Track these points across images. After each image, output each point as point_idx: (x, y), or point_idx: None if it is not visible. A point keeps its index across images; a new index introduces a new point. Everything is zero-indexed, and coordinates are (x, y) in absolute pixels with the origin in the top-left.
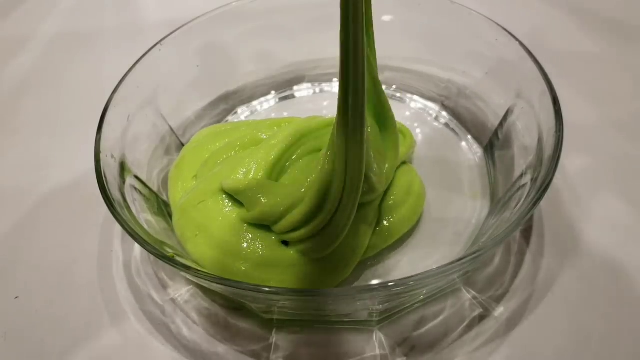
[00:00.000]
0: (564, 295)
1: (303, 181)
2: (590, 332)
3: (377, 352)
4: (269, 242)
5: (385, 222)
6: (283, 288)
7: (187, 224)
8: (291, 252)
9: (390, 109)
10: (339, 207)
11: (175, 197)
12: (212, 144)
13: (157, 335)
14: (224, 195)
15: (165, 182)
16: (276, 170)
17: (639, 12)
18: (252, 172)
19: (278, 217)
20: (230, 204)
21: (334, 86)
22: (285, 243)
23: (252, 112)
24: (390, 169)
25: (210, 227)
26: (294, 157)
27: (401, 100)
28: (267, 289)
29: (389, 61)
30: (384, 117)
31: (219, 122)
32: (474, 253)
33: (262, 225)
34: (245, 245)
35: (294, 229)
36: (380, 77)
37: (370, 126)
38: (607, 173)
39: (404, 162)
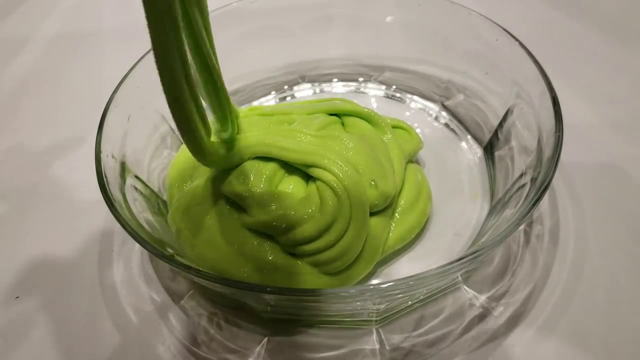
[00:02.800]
0: (563, 295)
1: (304, 188)
2: (590, 332)
3: (377, 351)
4: (272, 249)
5: (398, 228)
6: (283, 288)
7: (186, 223)
8: (299, 263)
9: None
10: (350, 223)
11: (173, 194)
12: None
13: (157, 335)
14: (224, 198)
15: (165, 182)
16: (277, 176)
17: (638, 12)
18: (254, 177)
19: (284, 230)
20: (231, 207)
21: (334, 86)
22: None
23: None
24: (398, 169)
25: (210, 229)
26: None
27: (401, 100)
28: (267, 289)
29: (389, 61)
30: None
31: None
32: (474, 253)
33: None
34: (246, 250)
35: (302, 243)
36: (380, 77)
37: (367, 130)
38: (607, 173)
39: (410, 162)
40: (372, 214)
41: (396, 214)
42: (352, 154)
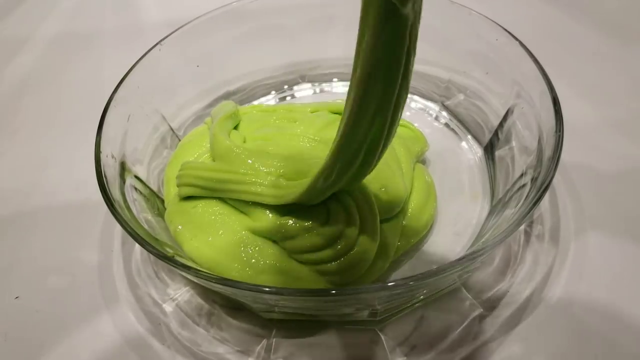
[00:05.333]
0: (563, 295)
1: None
2: (590, 332)
3: (378, 351)
4: (277, 254)
5: (408, 232)
6: (283, 288)
7: (185, 223)
8: (305, 269)
9: None
10: (360, 235)
11: (170, 192)
12: (207, 140)
13: (157, 335)
14: (225, 200)
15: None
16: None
17: (638, 12)
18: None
19: (288, 236)
20: (231, 209)
21: (334, 86)
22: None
23: None
24: (407, 172)
25: (211, 230)
26: None
27: None
28: (267, 289)
29: None
30: None
31: None
32: (474, 253)
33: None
34: (248, 253)
35: (307, 251)
36: None
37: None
38: (607, 173)
39: (416, 163)
40: (383, 220)
41: (406, 218)
42: None
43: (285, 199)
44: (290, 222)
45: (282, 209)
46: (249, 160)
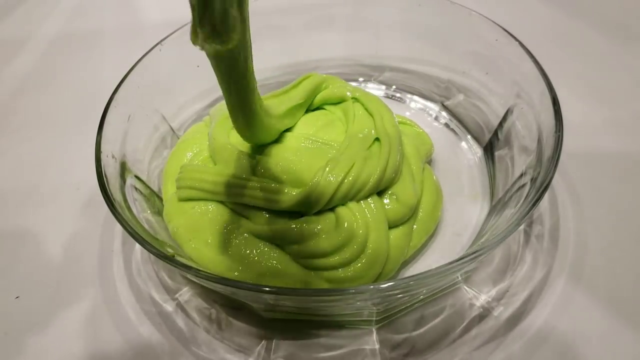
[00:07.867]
0: (563, 295)
1: None
2: (589, 332)
3: (377, 351)
4: (280, 258)
5: (418, 236)
6: (283, 288)
7: (184, 224)
8: (312, 274)
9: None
10: (368, 243)
11: (168, 190)
12: (206, 138)
13: (157, 335)
14: (224, 202)
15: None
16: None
17: (638, 12)
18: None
19: (293, 240)
20: (231, 212)
21: None
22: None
23: None
24: (417, 174)
25: (210, 232)
26: None
27: (401, 100)
28: (267, 289)
29: (389, 61)
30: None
31: None
32: (474, 253)
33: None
34: (250, 255)
35: (315, 256)
36: (381, 77)
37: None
38: (607, 173)
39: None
40: (393, 226)
41: (417, 221)
42: None
43: (286, 205)
44: (296, 227)
45: (286, 213)
46: (250, 165)
